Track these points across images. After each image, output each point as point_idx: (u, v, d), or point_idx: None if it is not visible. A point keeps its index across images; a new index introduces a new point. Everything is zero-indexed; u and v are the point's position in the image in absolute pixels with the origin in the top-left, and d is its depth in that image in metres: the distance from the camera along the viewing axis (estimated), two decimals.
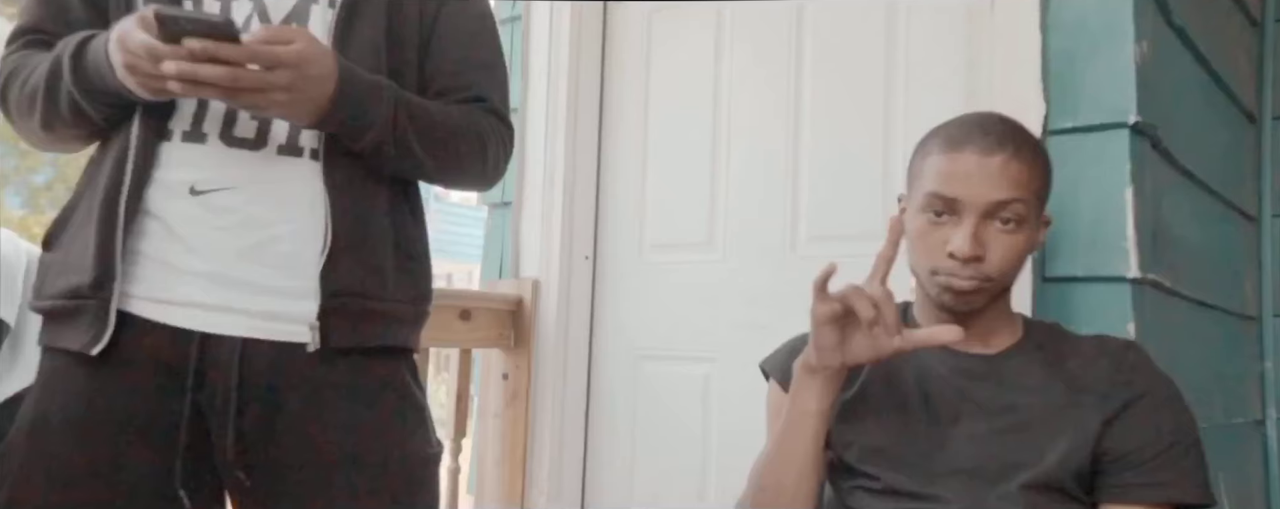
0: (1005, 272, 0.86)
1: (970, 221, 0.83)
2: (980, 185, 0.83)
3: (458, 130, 0.90)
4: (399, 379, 0.88)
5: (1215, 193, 1.39)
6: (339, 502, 0.82)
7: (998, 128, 0.86)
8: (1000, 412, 0.86)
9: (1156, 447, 0.82)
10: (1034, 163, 0.85)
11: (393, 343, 0.87)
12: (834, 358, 0.84)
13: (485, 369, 1.73)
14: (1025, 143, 0.86)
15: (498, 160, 0.95)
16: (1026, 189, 0.84)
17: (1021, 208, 0.83)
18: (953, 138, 0.86)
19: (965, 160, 0.83)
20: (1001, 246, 0.84)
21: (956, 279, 0.85)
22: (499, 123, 0.95)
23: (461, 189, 0.99)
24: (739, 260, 1.58)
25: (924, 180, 0.87)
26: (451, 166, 0.91)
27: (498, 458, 1.69)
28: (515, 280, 1.74)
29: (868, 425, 0.91)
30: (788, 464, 0.88)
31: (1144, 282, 1.08)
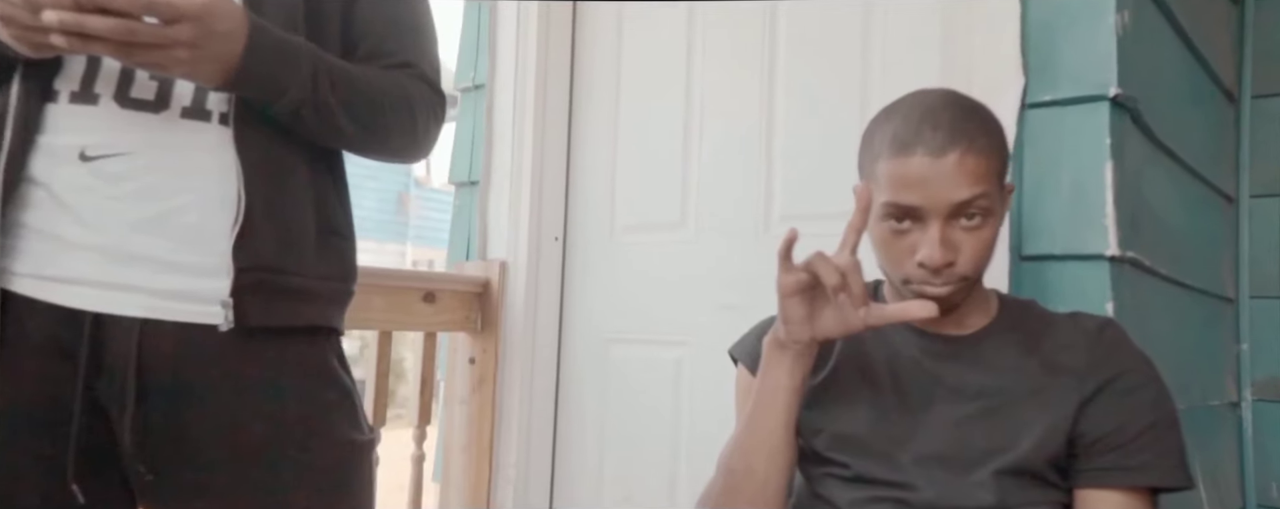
0: (980, 266, 0.82)
1: (935, 227, 0.78)
2: (938, 189, 0.77)
3: (384, 96, 0.84)
4: (323, 362, 0.83)
5: (1194, 171, 1.37)
6: (258, 499, 0.77)
7: (945, 120, 0.78)
8: (973, 395, 0.83)
9: (1133, 429, 0.80)
10: (989, 149, 0.79)
11: (315, 322, 0.82)
12: (803, 332, 0.80)
13: (451, 353, 1.69)
14: (978, 129, 0.79)
15: (428, 129, 0.90)
16: (987, 180, 0.78)
17: (986, 201, 0.78)
18: (900, 140, 0.79)
19: (917, 165, 0.77)
20: (972, 244, 0.80)
21: (930, 287, 0.81)
22: (429, 90, 0.89)
23: (389, 160, 0.93)
24: (712, 241, 1.54)
25: (878, 186, 0.81)
26: (378, 135, 0.85)
27: (464, 444, 1.64)
28: (482, 262, 1.69)
29: (837, 412, 0.88)
30: (758, 444, 0.84)
31: (1123, 260, 1.06)
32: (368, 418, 0.88)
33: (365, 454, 0.85)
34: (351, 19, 0.86)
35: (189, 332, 0.75)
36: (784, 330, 0.81)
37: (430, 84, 0.90)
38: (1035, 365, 0.83)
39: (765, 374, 0.84)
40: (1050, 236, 1.07)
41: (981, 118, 0.81)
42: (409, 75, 0.88)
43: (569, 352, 1.69)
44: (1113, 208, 1.03)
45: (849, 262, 0.76)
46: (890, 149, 0.80)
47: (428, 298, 1.56)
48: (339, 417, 0.82)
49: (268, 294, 0.77)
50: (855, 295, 0.76)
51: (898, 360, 0.88)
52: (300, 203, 0.80)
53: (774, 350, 0.83)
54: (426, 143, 0.91)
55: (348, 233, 0.87)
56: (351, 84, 0.81)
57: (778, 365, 0.83)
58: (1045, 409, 0.81)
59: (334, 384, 0.83)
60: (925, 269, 0.79)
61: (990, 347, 0.85)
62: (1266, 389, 1.57)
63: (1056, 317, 0.88)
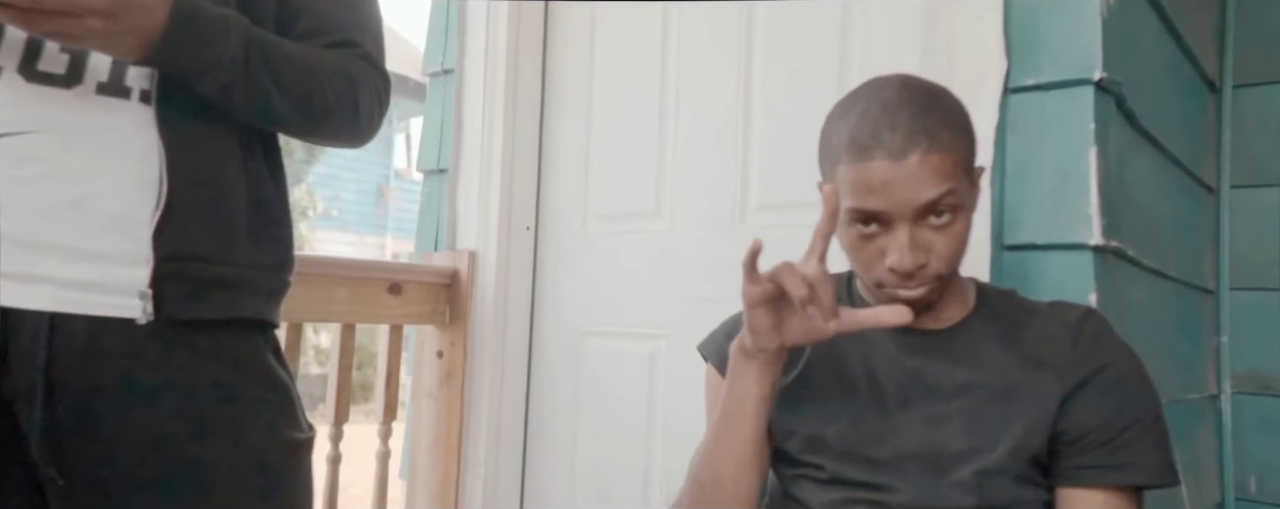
0: (954, 263, 0.78)
1: (903, 230, 0.74)
2: (902, 192, 0.73)
3: (324, 76, 0.79)
4: (256, 357, 0.78)
5: (1176, 160, 1.34)
6: (182, 504, 0.72)
7: (905, 118, 0.74)
8: (952, 392, 0.80)
9: (1117, 425, 0.76)
10: (953, 143, 0.74)
11: (246, 314, 0.77)
12: (770, 340, 0.77)
13: (419, 347, 1.64)
14: (939, 123, 0.74)
15: (371, 112, 0.85)
16: (953, 175, 0.74)
17: (954, 197, 0.74)
18: (858, 142, 0.74)
19: (877, 169, 0.73)
20: (944, 242, 0.76)
21: (905, 290, 0.77)
22: (372, 70, 0.85)
23: (329, 143, 0.88)
24: (688, 231, 1.50)
25: (842, 192, 0.76)
26: (317, 117, 0.80)
27: (432, 440, 1.59)
28: (451, 253, 1.64)
29: (810, 412, 0.84)
30: (726, 455, 0.81)
31: (1106, 249, 1.03)
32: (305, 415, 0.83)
33: (303, 453, 0.80)
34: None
35: (104, 326, 0.69)
36: (750, 339, 0.77)
37: (373, 64, 0.85)
38: (1015, 360, 0.80)
39: (732, 383, 0.80)
40: (1032, 225, 1.04)
41: (942, 109, 0.76)
42: (350, 54, 0.83)
43: (540, 345, 1.64)
44: (1096, 196, 1.00)
45: (817, 272, 0.72)
46: (848, 153, 0.75)
47: (393, 289, 1.50)
48: (274, 414, 0.78)
49: (192, 285, 0.72)
50: (824, 308, 0.72)
51: (873, 357, 0.84)
52: (230, 188, 0.75)
53: (741, 359, 0.79)
54: (369, 126, 0.86)
55: (284, 221, 0.82)
56: (287, 62, 0.76)
57: (744, 374, 0.79)
58: (1026, 405, 0.78)
59: (268, 380, 0.78)
60: (897, 273, 0.76)
61: (969, 340, 0.82)
62: (1246, 382, 1.55)
63: (1037, 306, 0.85)
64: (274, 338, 0.82)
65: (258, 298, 0.78)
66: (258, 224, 0.78)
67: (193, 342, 0.73)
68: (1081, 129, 1.01)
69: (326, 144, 0.89)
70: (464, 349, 1.59)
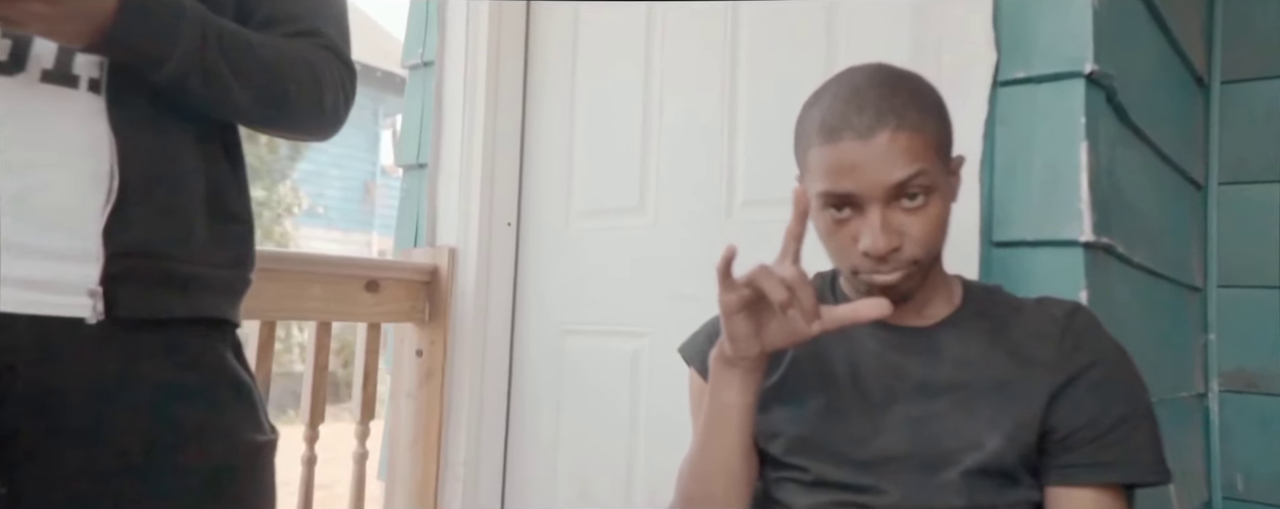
0: (930, 248, 0.77)
1: (875, 212, 0.73)
2: (871, 173, 0.72)
3: (286, 65, 0.76)
4: (214, 357, 0.75)
5: (1164, 155, 1.33)
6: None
7: (873, 97, 0.74)
8: (939, 390, 0.78)
9: (1106, 422, 0.75)
10: (922, 123, 0.74)
11: (204, 313, 0.74)
12: (751, 347, 0.75)
13: (398, 345, 1.60)
14: (907, 103, 0.74)
15: (337, 104, 0.82)
16: (924, 156, 0.73)
17: (926, 178, 0.73)
18: (827, 125, 0.74)
19: (846, 150, 0.73)
20: (918, 225, 0.75)
21: (880, 275, 0.76)
22: (337, 61, 0.82)
23: (292, 136, 0.86)
24: (672, 227, 1.47)
25: (812, 176, 0.77)
26: (279, 108, 0.77)
27: (411, 440, 1.56)
28: (431, 249, 1.60)
29: (794, 413, 0.82)
30: (714, 467, 0.79)
31: (1097, 246, 1.01)
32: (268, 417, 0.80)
33: (265, 456, 0.77)
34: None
35: (52, 326, 0.66)
36: (730, 347, 0.75)
37: (338, 54, 0.82)
38: (1002, 356, 0.78)
39: (715, 394, 0.78)
40: (1022, 222, 1.02)
41: (911, 91, 0.76)
42: (314, 44, 0.80)
43: (522, 343, 1.61)
44: (1087, 191, 0.98)
45: (794, 273, 0.70)
46: (818, 136, 0.75)
47: (371, 286, 1.47)
48: (235, 416, 0.75)
49: (146, 282, 0.69)
50: (805, 310, 0.70)
51: (857, 355, 0.82)
52: (187, 182, 0.73)
53: (722, 368, 0.77)
54: (335, 118, 0.83)
55: (245, 216, 0.79)
56: (247, 51, 0.73)
57: (727, 385, 0.77)
58: (1014, 403, 0.76)
59: (228, 381, 0.76)
60: (870, 258, 0.74)
61: (954, 337, 0.81)
62: (1234, 380, 1.54)
63: (1023, 302, 0.83)
64: (235, 337, 0.79)
65: (216, 296, 0.75)
66: (216, 219, 0.75)
67: (147, 342, 0.70)
68: (1072, 123, 0.99)
69: (291, 137, 0.86)
70: (444, 347, 1.56)
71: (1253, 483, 1.51)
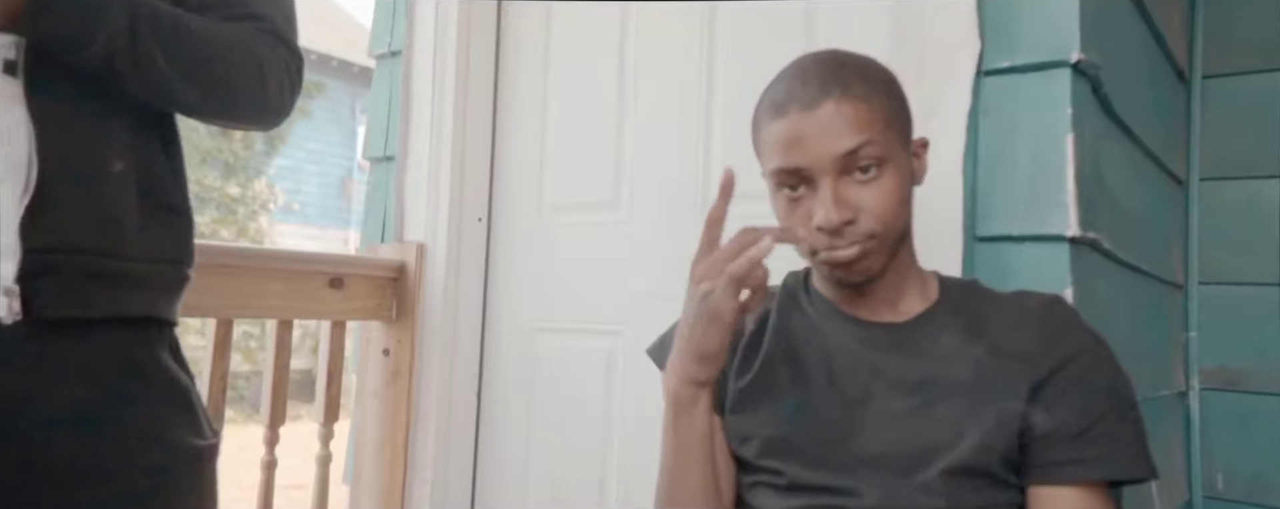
0: (887, 221, 0.75)
1: (825, 185, 0.73)
2: (817, 143, 0.73)
3: (225, 50, 0.72)
4: (149, 358, 0.70)
5: (1148, 150, 1.31)
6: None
7: (817, 72, 0.75)
8: (915, 387, 0.76)
9: (1089, 416, 0.72)
10: (870, 95, 0.74)
11: (136, 312, 0.69)
12: (723, 357, 0.73)
13: (364, 344, 1.55)
14: (854, 76, 0.75)
15: (282, 91, 0.78)
16: (871, 126, 0.73)
17: (875, 148, 0.73)
18: (775, 103, 0.76)
19: (792, 123, 0.74)
20: (871, 197, 0.74)
21: (836, 251, 0.74)
22: (282, 46, 0.78)
23: (234, 125, 0.82)
24: (647, 222, 1.43)
25: (765, 157, 0.78)
26: (218, 96, 0.73)
27: (376, 442, 1.51)
28: (398, 244, 1.55)
29: (767, 415, 0.79)
30: (691, 497, 0.75)
31: (1083, 241, 0.98)
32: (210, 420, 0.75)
33: (205, 461, 0.73)
34: None
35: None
36: (702, 367, 0.73)
37: (282, 39, 0.78)
38: (980, 351, 0.76)
39: (681, 420, 0.75)
40: (1007, 216, 0.99)
41: (858, 65, 0.77)
42: (257, 29, 0.76)
43: (493, 342, 1.56)
44: (1073, 185, 0.95)
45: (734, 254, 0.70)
46: (768, 115, 0.77)
47: (334, 283, 1.41)
48: (171, 420, 0.70)
49: (69, 279, 0.64)
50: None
51: (831, 353, 0.80)
52: (116, 172, 0.68)
53: (689, 391, 0.74)
54: (279, 106, 0.79)
55: (182, 208, 0.74)
56: (182, 34, 0.68)
57: (697, 411, 0.74)
58: (993, 399, 0.73)
59: (164, 383, 0.71)
60: (825, 232, 0.73)
61: (931, 333, 0.78)
62: (1214, 378, 1.53)
63: (1001, 296, 0.81)
64: (172, 337, 0.74)
65: (150, 293, 0.71)
66: (151, 212, 0.70)
67: (71, 343, 0.65)
68: (1058, 114, 0.96)
69: (233, 125, 0.82)
70: (411, 346, 1.50)
71: (1233, 481, 1.50)
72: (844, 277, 0.76)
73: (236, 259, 1.27)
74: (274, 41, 0.77)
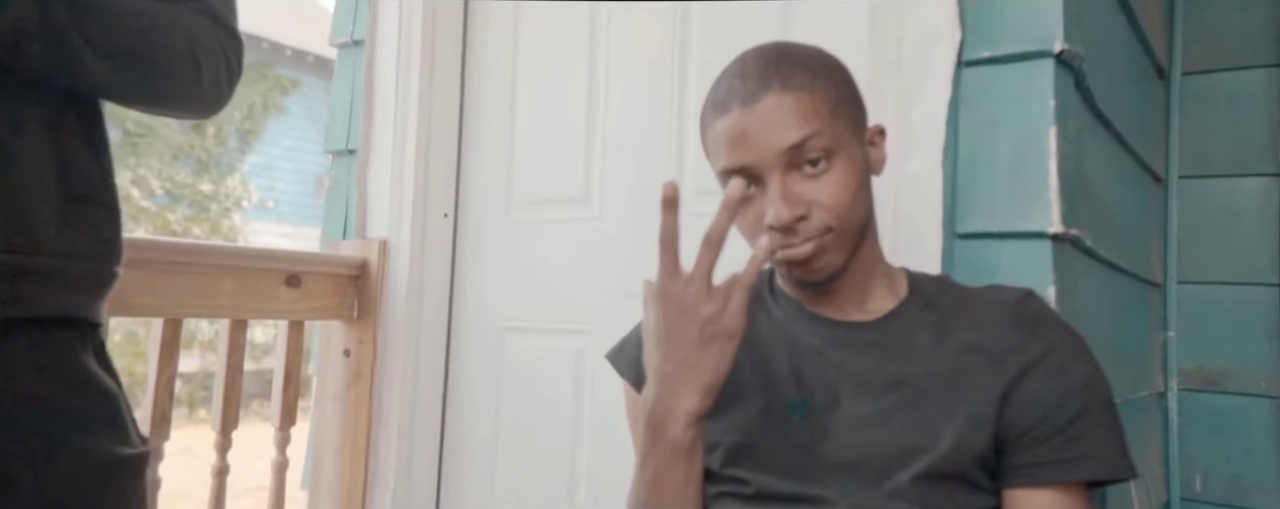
0: (844, 214, 0.71)
1: (774, 182, 0.70)
2: (761, 139, 0.69)
3: (150, 30, 0.67)
4: (70, 362, 0.65)
5: (1128, 146, 1.28)
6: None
7: (756, 66, 0.72)
8: (885, 388, 0.72)
9: (1065, 414, 0.69)
10: (813, 84, 0.71)
11: (54, 312, 0.64)
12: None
13: (324, 344, 1.49)
14: (795, 66, 0.72)
15: (218, 77, 0.73)
16: (816, 116, 0.70)
17: (822, 140, 0.70)
18: (717, 101, 0.74)
19: (734, 120, 0.71)
20: (823, 190, 0.70)
21: (793, 249, 0.71)
22: (219, 29, 0.73)
23: (167, 113, 0.76)
24: (619, 219, 1.38)
25: (713, 158, 0.75)
26: (146, 81, 0.68)
27: (336, 446, 1.45)
28: (360, 241, 1.49)
29: (732, 421, 0.75)
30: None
31: (1065, 238, 0.94)
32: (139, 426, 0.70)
33: (133, 471, 0.68)
34: None
35: None
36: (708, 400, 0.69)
37: (219, 21, 0.73)
38: (952, 349, 0.73)
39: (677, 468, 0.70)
40: (987, 212, 0.95)
41: (800, 55, 0.74)
42: (190, 10, 0.70)
43: (459, 342, 1.51)
44: (1056, 180, 0.92)
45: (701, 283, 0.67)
46: (711, 115, 0.74)
47: (291, 281, 1.36)
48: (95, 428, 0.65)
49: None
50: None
51: (798, 354, 0.76)
52: (32, 162, 0.63)
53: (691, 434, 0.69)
54: (216, 93, 0.73)
55: (106, 201, 0.69)
56: (104, 16, 0.63)
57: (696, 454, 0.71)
58: (966, 399, 0.70)
59: (87, 389, 0.66)
60: (778, 230, 0.70)
61: (900, 331, 0.75)
62: (1193, 378, 1.51)
63: (972, 291, 0.78)
64: (98, 339, 0.69)
65: (72, 292, 0.65)
66: (72, 205, 0.65)
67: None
68: (1041, 106, 0.92)
69: (166, 113, 0.76)
70: (373, 347, 1.45)
71: (1211, 482, 1.48)
72: (803, 276, 0.73)
73: (185, 256, 1.21)
74: (210, 23, 0.72)
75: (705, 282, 0.67)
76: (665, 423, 0.68)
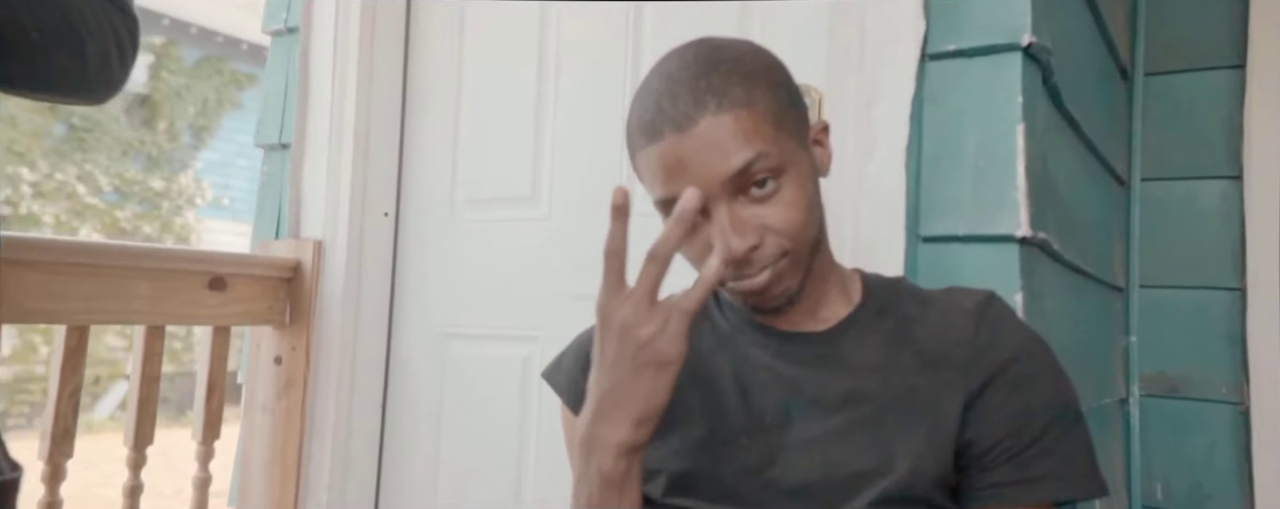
0: (798, 235, 0.64)
1: (721, 212, 0.62)
2: (701, 168, 0.61)
3: (31, 9, 0.59)
4: None
5: (1093, 147, 1.24)
6: None
7: (684, 83, 0.63)
8: (839, 405, 0.66)
9: (1030, 431, 0.64)
10: (750, 99, 0.62)
11: None
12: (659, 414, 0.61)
13: (253, 352, 1.39)
14: (727, 79, 0.62)
15: (108, 57, 0.66)
16: (759, 135, 0.62)
17: (769, 160, 0.62)
18: (645, 123, 0.64)
19: (668, 148, 0.62)
20: (774, 213, 0.63)
21: (749, 280, 0.64)
22: (111, 8, 0.66)
23: (48, 97, 0.68)
24: (568, 220, 1.31)
25: (646, 184, 0.66)
26: (21, 60, 0.60)
27: (266, 462, 1.36)
28: (294, 241, 1.40)
29: (674, 446, 0.69)
30: None
31: (1033, 241, 0.89)
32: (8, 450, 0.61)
33: (8, 495, 0.59)
34: None
35: None
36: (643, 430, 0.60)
37: (113, 1, 0.65)
38: (909, 359, 0.67)
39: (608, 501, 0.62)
40: (953, 214, 0.90)
41: (732, 61, 0.64)
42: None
43: (399, 348, 1.43)
44: (1024, 180, 0.87)
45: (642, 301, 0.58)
46: (641, 138, 0.64)
47: (215, 284, 1.26)
48: None
49: None
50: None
51: (746, 369, 0.70)
52: None
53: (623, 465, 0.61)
54: (106, 76, 0.66)
55: None
56: None
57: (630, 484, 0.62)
58: (925, 414, 0.65)
59: None
60: (730, 264, 0.63)
61: (855, 341, 0.69)
62: (1154, 384, 1.48)
63: (930, 295, 0.72)
64: None
65: None
66: None
67: None
68: (1008, 102, 0.87)
69: (50, 99, 0.67)
70: (306, 354, 1.36)
71: (1172, 490, 1.45)
72: (760, 303, 0.67)
73: (93, 257, 1.11)
74: (101, 2, 0.64)
75: (645, 301, 0.58)
76: (594, 452, 0.61)
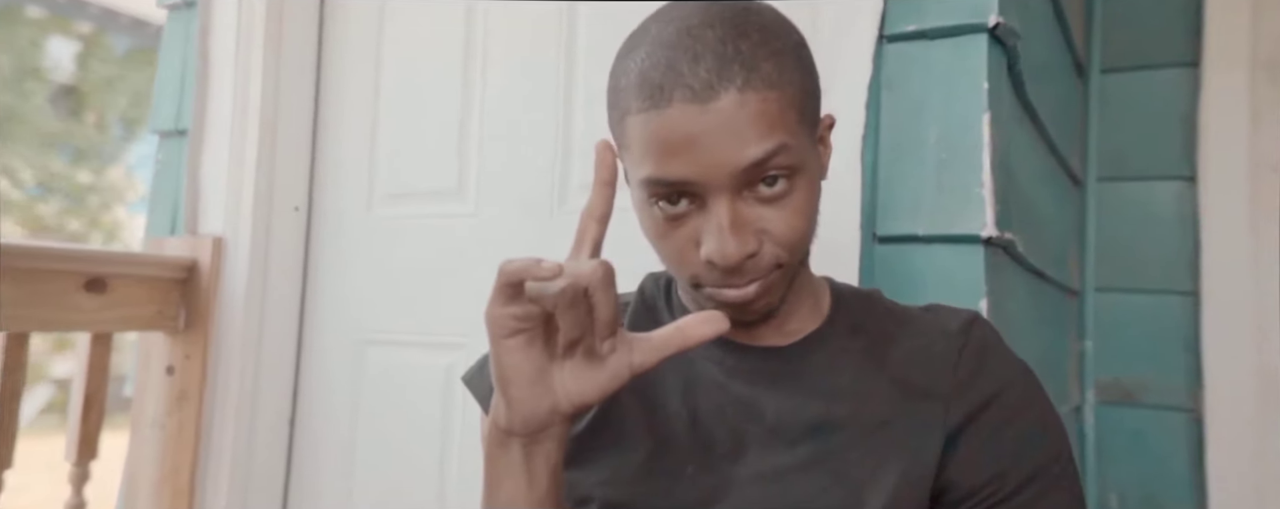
0: (797, 245, 0.55)
1: (721, 206, 0.52)
2: (714, 150, 0.50)
3: None
4: None
5: (1052, 143, 1.18)
6: None
7: (711, 41, 0.51)
8: (802, 435, 0.58)
9: (1015, 477, 0.56)
10: (780, 78, 0.51)
11: None
12: (539, 405, 0.49)
13: (142, 361, 1.25)
14: (760, 46, 0.51)
15: None
16: (783, 124, 0.51)
17: (788, 155, 0.52)
18: (649, 82, 0.51)
19: (678, 118, 0.50)
20: (778, 218, 0.53)
21: (730, 291, 0.54)
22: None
23: None
24: (496, 216, 1.20)
25: (633, 156, 0.54)
26: None
27: (155, 482, 1.22)
28: (190, 238, 1.26)
29: (610, 470, 0.60)
30: None
31: (998, 243, 0.82)
32: None
33: None
34: None
35: None
36: (506, 413, 0.50)
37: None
38: (883, 385, 0.59)
39: (496, 485, 0.52)
40: (913, 212, 0.82)
41: (763, 27, 0.53)
42: None
43: (310, 357, 1.30)
44: (990, 175, 0.79)
45: (594, 273, 0.45)
46: (638, 98, 0.52)
47: (93, 285, 1.12)
48: None
49: None
50: (603, 323, 0.47)
51: (696, 387, 0.61)
52: None
53: (499, 446, 0.51)
54: None
55: None
56: None
57: (511, 470, 0.51)
58: (900, 449, 0.57)
59: None
60: (717, 267, 0.52)
61: (822, 360, 0.60)
62: (1110, 391, 1.44)
63: (909, 313, 0.64)
64: None
65: None
66: None
67: None
68: (973, 88, 0.80)
69: None
70: (203, 363, 1.22)
71: (1127, 500, 1.41)
72: (738, 316, 0.56)
73: None
74: None
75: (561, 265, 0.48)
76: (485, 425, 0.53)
